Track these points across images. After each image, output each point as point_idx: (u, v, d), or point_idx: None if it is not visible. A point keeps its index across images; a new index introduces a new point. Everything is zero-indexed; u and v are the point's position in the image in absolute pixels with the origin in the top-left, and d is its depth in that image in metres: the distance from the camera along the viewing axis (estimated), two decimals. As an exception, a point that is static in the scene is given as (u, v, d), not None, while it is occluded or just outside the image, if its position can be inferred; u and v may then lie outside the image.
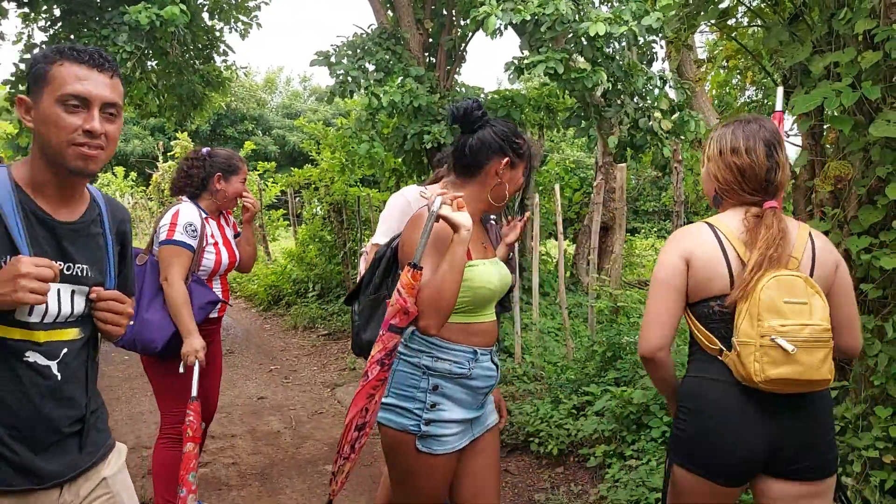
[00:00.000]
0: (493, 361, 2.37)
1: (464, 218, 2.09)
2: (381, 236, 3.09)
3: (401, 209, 3.10)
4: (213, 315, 3.43)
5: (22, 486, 1.67)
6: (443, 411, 2.24)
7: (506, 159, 2.30)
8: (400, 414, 2.24)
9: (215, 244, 3.41)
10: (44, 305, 1.66)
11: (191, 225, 3.28)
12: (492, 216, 2.76)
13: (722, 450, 2.04)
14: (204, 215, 3.40)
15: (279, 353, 8.21)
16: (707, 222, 2.16)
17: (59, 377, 1.72)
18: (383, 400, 2.24)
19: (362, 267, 3.41)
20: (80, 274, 1.75)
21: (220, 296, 3.46)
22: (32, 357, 1.67)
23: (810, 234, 2.13)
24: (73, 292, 1.73)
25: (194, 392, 3.10)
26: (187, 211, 3.33)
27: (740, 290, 2.00)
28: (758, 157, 2.11)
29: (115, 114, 1.72)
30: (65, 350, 1.73)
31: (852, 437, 3.01)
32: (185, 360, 3.15)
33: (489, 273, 2.29)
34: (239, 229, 3.65)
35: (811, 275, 2.07)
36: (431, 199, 2.12)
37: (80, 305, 1.75)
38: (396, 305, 2.05)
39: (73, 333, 1.74)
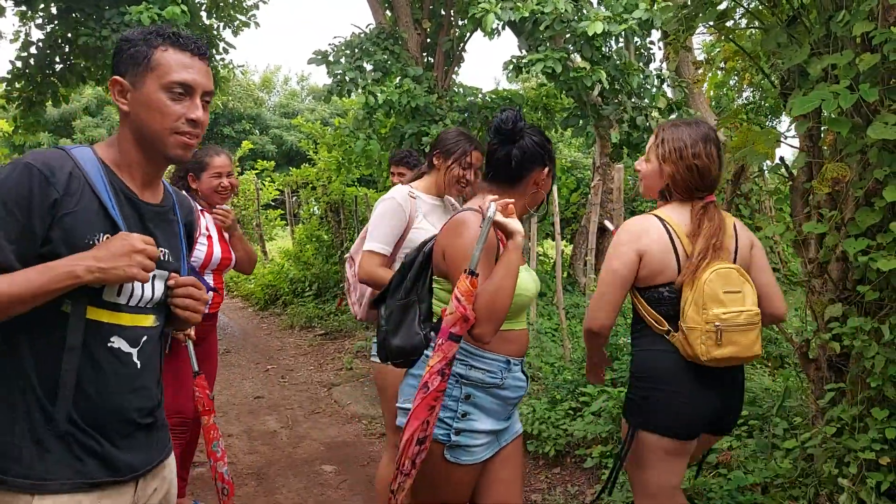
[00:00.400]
0: (523, 372, 2.33)
1: (517, 224, 2.12)
2: (377, 243, 3.04)
3: (394, 213, 3.08)
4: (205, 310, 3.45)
5: (105, 478, 1.60)
6: (473, 421, 2.20)
7: (546, 168, 2.33)
8: None
9: (208, 237, 3.47)
10: (132, 286, 1.63)
11: None
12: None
13: (681, 413, 2.41)
14: (198, 208, 3.44)
15: (276, 353, 8.20)
16: (656, 216, 2.47)
17: (139, 365, 1.67)
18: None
19: (349, 272, 3.37)
20: (162, 258, 1.70)
21: (211, 284, 3.49)
22: (117, 343, 1.62)
23: (735, 224, 2.53)
24: (154, 276, 1.67)
25: (195, 367, 3.13)
26: None
27: (689, 276, 2.35)
28: (712, 157, 2.47)
29: (209, 101, 1.71)
30: (145, 337, 1.68)
31: (849, 438, 3.01)
32: (177, 338, 3.22)
33: (527, 279, 2.28)
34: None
35: (735, 259, 2.46)
36: (486, 206, 2.11)
37: (159, 291, 1.71)
38: (457, 313, 2.02)
39: (150, 320, 1.70)
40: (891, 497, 2.90)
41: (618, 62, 7.57)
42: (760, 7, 3.74)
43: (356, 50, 8.39)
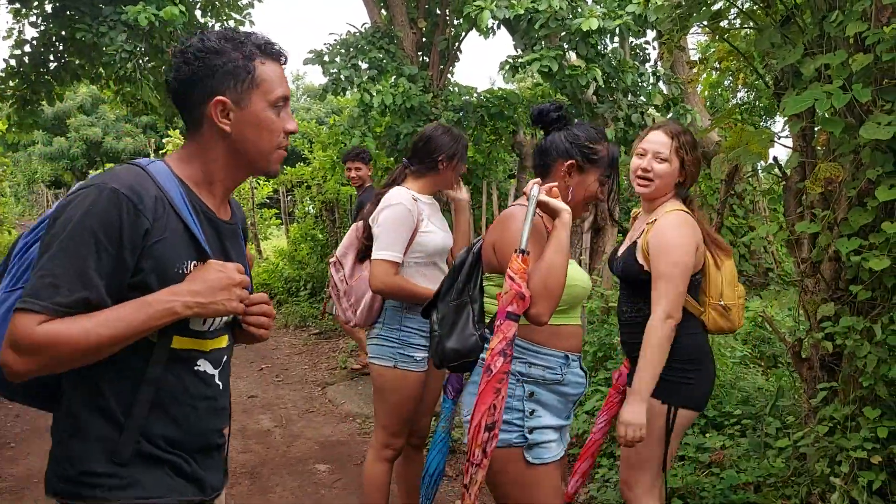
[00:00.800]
0: (581, 368, 2.29)
1: (561, 203, 2.12)
2: (390, 251, 2.96)
3: (404, 219, 3.02)
4: None
5: (194, 496, 1.58)
6: (540, 417, 2.16)
7: (569, 162, 2.26)
8: (500, 430, 2.08)
9: None
10: None
11: None
12: None
13: (709, 386, 2.72)
14: None
15: (270, 352, 8.19)
16: (684, 211, 2.68)
17: (221, 386, 1.63)
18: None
19: (336, 276, 3.30)
20: None
21: None
22: (203, 366, 1.57)
23: None
24: None
25: None
26: None
27: (720, 259, 2.69)
28: None
29: None
30: (224, 357, 1.65)
31: (841, 437, 3.02)
32: None
33: (579, 271, 2.27)
34: None
35: None
36: (529, 187, 2.13)
37: None
38: (512, 291, 2.01)
39: (225, 340, 1.65)
40: (882, 496, 2.92)
41: (613, 60, 7.57)
42: (754, 7, 3.75)
43: (351, 49, 8.38)
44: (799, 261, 3.39)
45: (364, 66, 8.27)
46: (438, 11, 9.11)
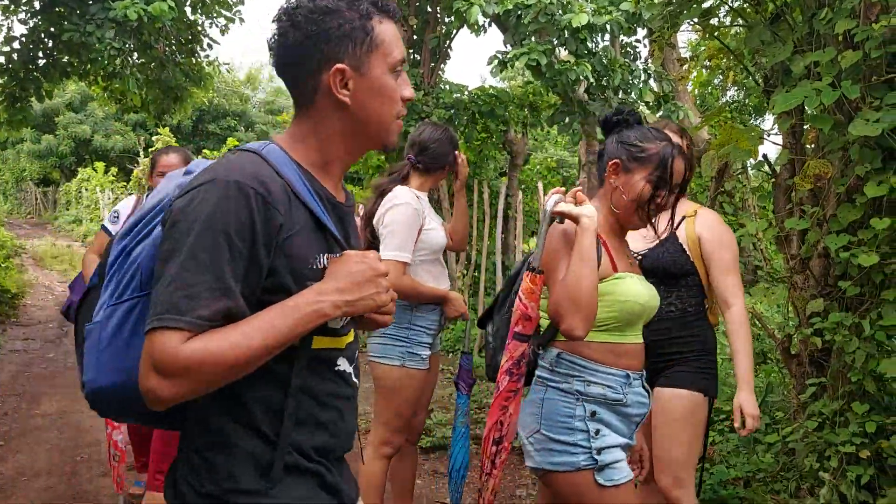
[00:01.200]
0: (643, 387, 2.17)
1: (584, 209, 1.97)
2: (400, 251, 2.96)
3: (413, 219, 3.02)
4: None
5: None
6: (606, 436, 2.04)
7: (614, 161, 2.14)
8: (564, 452, 2.01)
9: None
10: None
11: (116, 212, 3.65)
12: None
13: None
14: None
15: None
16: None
17: (357, 384, 1.48)
18: (538, 443, 2.05)
19: None
20: None
21: None
22: (342, 364, 1.42)
23: None
24: None
25: None
26: (124, 202, 3.75)
27: None
28: None
29: None
30: (356, 352, 1.49)
31: (829, 432, 3.04)
32: None
33: (636, 287, 2.10)
34: None
35: None
36: (547, 198, 2.05)
37: None
38: (518, 312, 1.97)
39: (352, 333, 1.48)
40: (870, 490, 2.94)
41: (604, 58, 7.59)
42: (744, 5, 3.77)
43: (342, 46, 8.36)
44: (788, 257, 3.41)
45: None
46: (429, 9, 9.11)
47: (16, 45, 9.92)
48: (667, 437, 2.58)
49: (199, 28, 10.69)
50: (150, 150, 20.61)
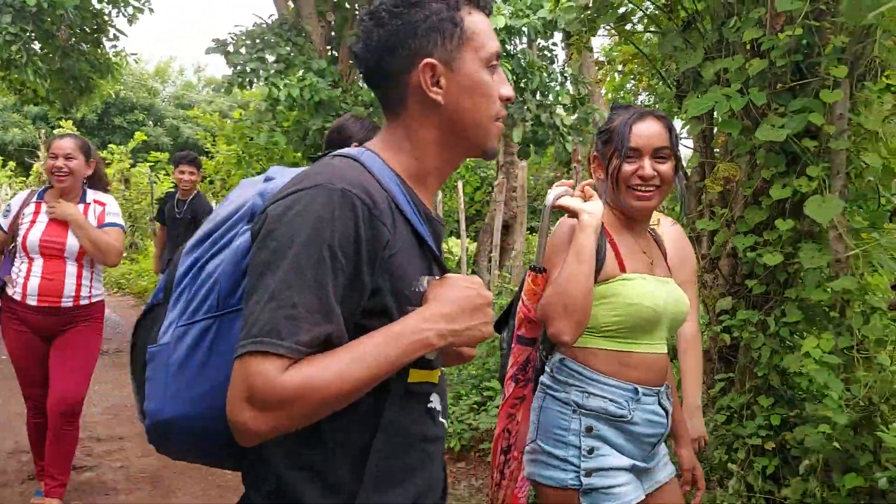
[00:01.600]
0: (660, 405, 1.92)
1: (586, 204, 1.82)
2: None
3: None
4: (33, 302, 3.50)
5: None
6: (604, 457, 1.83)
7: (593, 156, 2.02)
8: (554, 466, 1.84)
9: (30, 223, 3.56)
10: None
11: (8, 206, 3.67)
12: None
13: None
14: (35, 200, 3.61)
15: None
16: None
17: (445, 424, 1.30)
18: (533, 453, 1.91)
19: None
20: None
21: (39, 272, 3.53)
22: (434, 402, 1.26)
23: None
24: None
25: None
26: (17, 196, 3.74)
27: None
28: None
29: None
30: (445, 389, 1.32)
31: (737, 425, 3.16)
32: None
33: (649, 289, 1.88)
34: (108, 219, 3.65)
35: None
36: (550, 192, 1.91)
37: None
38: (520, 314, 1.86)
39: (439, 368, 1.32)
40: (775, 480, 3.07)
41: (522, 60, 7.69)
42: (657, 12, 3.88)
43: (258, 41, 8.16)
44: (699, 257, 3.53)
45: (271, 59, 8.08)
46: (347, 5, 9.00)
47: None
48: None
49: (106, 17, 10.24)
50: (51, 143, 19.63)
